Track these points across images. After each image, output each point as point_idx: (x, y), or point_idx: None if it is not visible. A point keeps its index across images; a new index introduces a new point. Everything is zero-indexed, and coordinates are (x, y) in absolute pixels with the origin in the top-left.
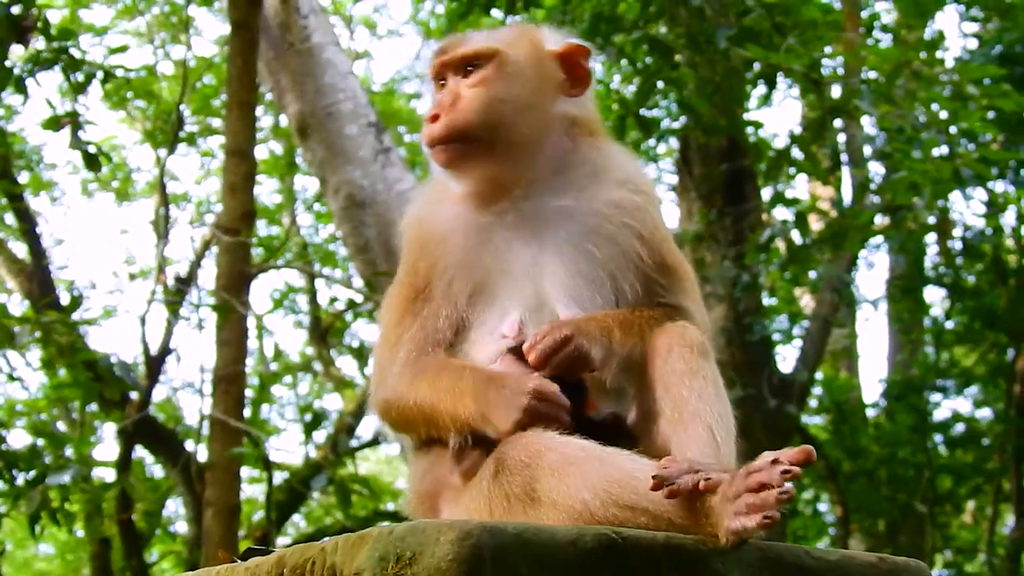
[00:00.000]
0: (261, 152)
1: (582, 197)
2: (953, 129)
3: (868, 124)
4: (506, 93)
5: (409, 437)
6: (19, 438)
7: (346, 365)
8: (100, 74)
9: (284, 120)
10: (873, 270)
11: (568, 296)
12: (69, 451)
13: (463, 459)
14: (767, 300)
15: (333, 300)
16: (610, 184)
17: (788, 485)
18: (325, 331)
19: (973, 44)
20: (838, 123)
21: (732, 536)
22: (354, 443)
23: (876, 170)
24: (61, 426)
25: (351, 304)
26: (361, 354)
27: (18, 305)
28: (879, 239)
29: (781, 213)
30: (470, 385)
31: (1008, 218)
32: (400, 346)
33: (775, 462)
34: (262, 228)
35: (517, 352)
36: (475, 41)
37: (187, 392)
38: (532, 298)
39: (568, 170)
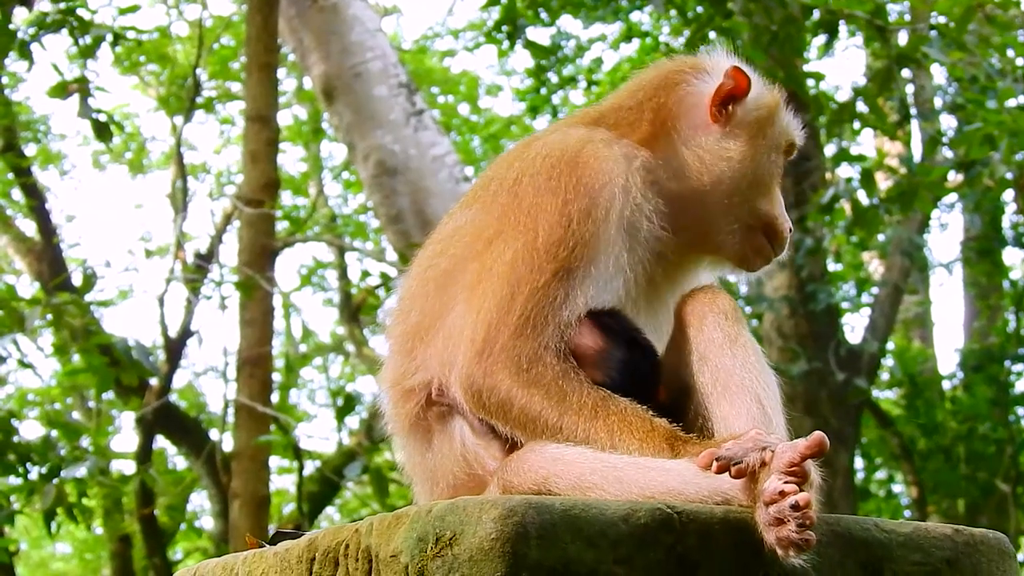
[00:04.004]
0: (284, 117)
1: None
2: None
3: (938, 73)
4: None
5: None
6: (33, 429)
7: (380, 345)
8: (110, 36)
9: (308, 82)
10: (947, 231)
11: None
12: (85, 442)
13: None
14: (832, 266)
15: (365, 275)
16: None
17: (802, 496)
18: (357, 308)
19: None
20: (906, 73)
21: (781, 552)
22: None
23: (948, 123)
24: (76, 415)
25: (384, 279)
26: None
27: (28, 287)
28: (953, 197)
29: (846, 171)
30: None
31: None
32: (535, 326)
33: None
34: (287, 199)
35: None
36: None
37: (210, 377)
38: None
39: None
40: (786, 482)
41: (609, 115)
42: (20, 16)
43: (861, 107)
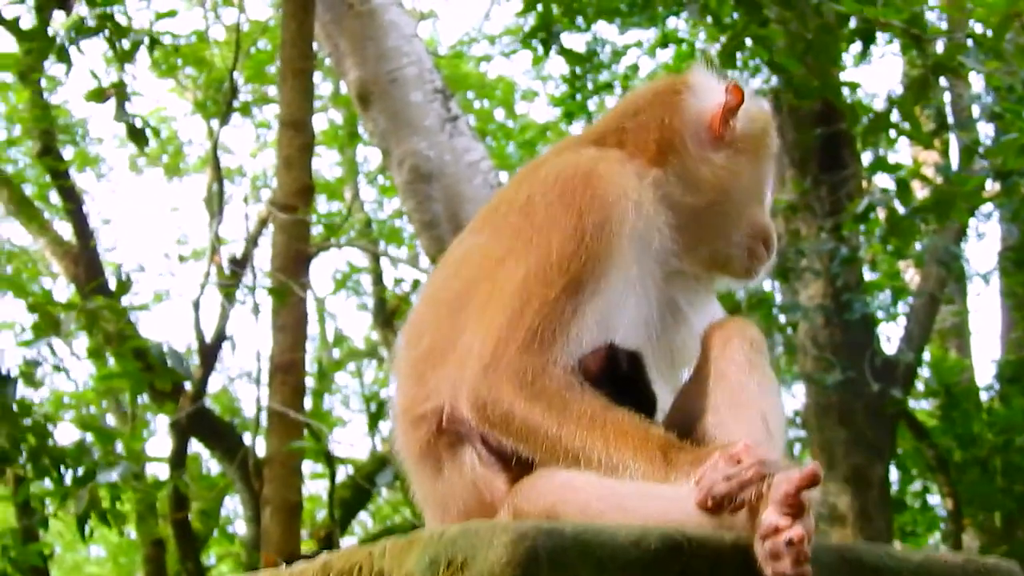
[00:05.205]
0: (320, 122)
1: None
2: None
3: (976, 81)
4: None
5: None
6: (68, 433)
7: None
8: (147, 41)
9: (344, 87)
10: (984, 241)
11: None
12: (120, 447)
13: (512, 467)
14: (868, 275)
15: (399, 281)
16: None
17: (795, 531)
18: (391, 314)
19: None
20: (943, 81)
21: None
22: None
23: (986, 132)
24: (111, 419)
25: (417, 285)
26: None
27: (64, 289)
28: (990, 207)
29: (883, 180)
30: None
31: None
32: (542, 340)
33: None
34: (322, 203)
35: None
36: None
37: (244, 381)
38: None
39: None
40: (782, 515)
41: (611, 137)
42: (59, 20)
43: (896, 117)
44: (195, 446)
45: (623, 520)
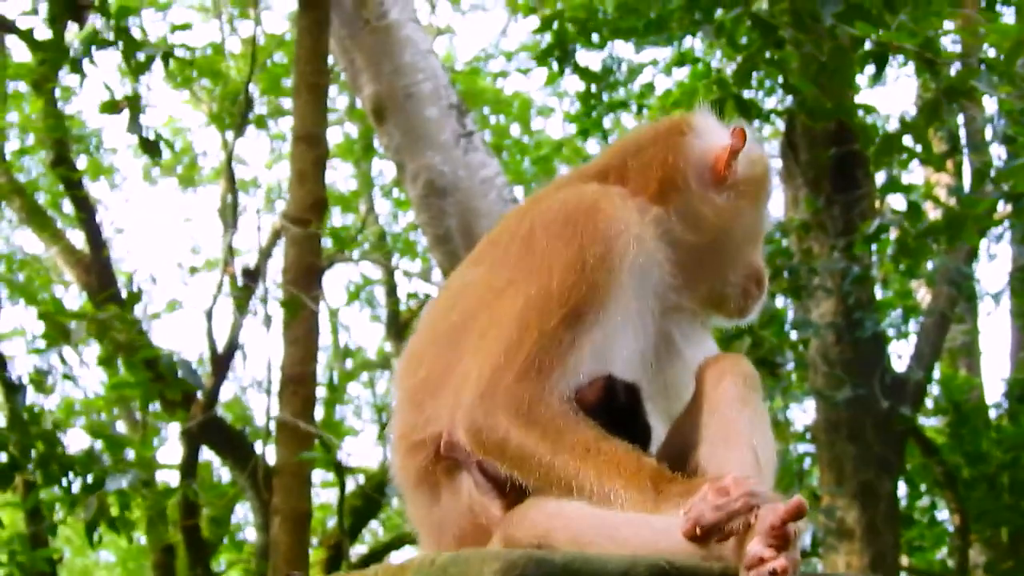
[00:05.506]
0: (335, 135)
1: None
2: None
3: (990, 104)
4: None
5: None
6: (78, 439)
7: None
8: (161, 54)
9: (359, 102)
10: (995, 261)
11: None
12: (130, 454)
13: (507, 495)
14: (880, 293)
15: (412, 296)
16: None
17: (779, 562)
18: (403, 326)
19: None
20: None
21: None
22: None
23: (999, 153)
24: (122, 426)
25: (429, 299)
26: None
27: (76, 298)
28: (1001, 228)
29: (896, 201)
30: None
31: None
32: (540, 369)
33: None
34: (337, 216)
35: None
36: None
37: (255, 391)
38: None
39: None
40: (768, 546)
41: (613, 173)
42: (73, 31)
43: (908, 140)
44: (206, 454)
45: (613, 549)
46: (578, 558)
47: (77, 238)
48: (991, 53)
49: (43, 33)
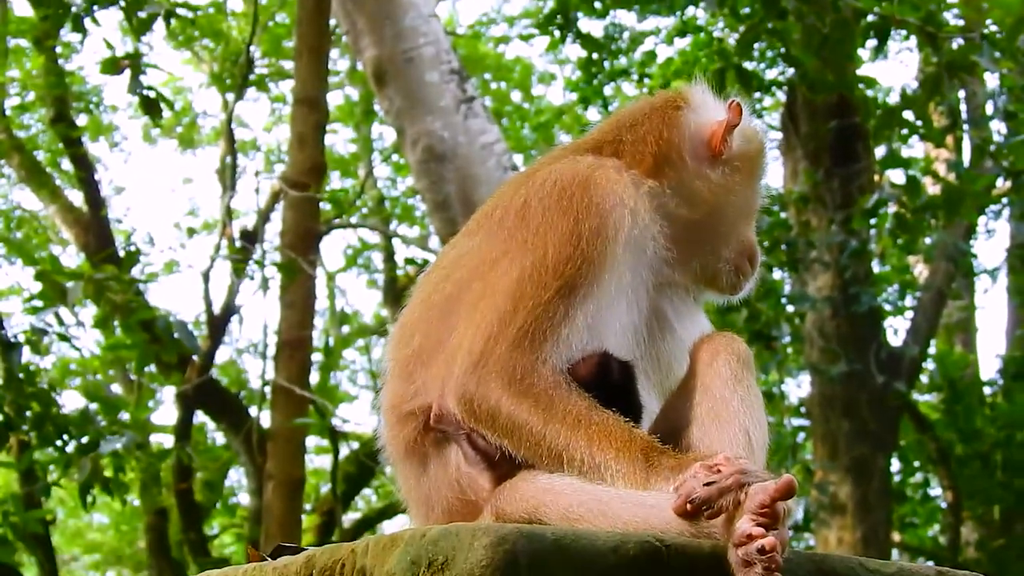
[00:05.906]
0: (336, 98)
1: None
2: None
3: (991, 79)
4: None
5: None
6: (73, 400)
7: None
8: (163, 11)
9: (360, 65)
10: (993, 238)
11: None
12: (125, 416)
13: (497, 467)
14: (877, 268)
15: (409, 261)
16: None
17: (768, 540)
18: (400, 292)
19: None
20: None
21: None
22: None
23: (1000, 129)
24: (117, 388)
25: (427, 264)
26: None
27: (73, 257)
28: (1000, 204)
29: (895, 175)
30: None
31: None
32: (533, 339)
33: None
34: (336, 180)
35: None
36: None
37: (251, 354)
38: None
39: None
40: (757, 524)
41: (608, 147)
42: None
43: (908, 114)
44: (201, 417)
45: (603, 524)
46: (568, 533)
47: (76, 197)
48: (993, 28)
49: None
